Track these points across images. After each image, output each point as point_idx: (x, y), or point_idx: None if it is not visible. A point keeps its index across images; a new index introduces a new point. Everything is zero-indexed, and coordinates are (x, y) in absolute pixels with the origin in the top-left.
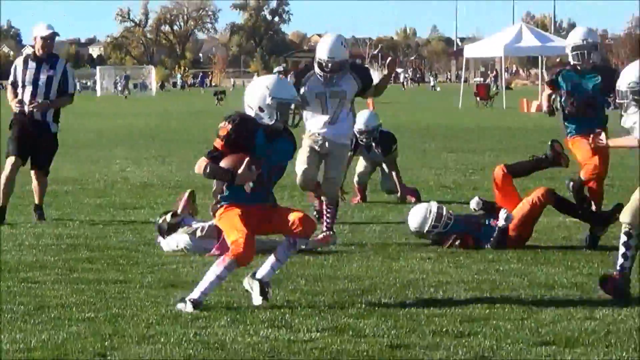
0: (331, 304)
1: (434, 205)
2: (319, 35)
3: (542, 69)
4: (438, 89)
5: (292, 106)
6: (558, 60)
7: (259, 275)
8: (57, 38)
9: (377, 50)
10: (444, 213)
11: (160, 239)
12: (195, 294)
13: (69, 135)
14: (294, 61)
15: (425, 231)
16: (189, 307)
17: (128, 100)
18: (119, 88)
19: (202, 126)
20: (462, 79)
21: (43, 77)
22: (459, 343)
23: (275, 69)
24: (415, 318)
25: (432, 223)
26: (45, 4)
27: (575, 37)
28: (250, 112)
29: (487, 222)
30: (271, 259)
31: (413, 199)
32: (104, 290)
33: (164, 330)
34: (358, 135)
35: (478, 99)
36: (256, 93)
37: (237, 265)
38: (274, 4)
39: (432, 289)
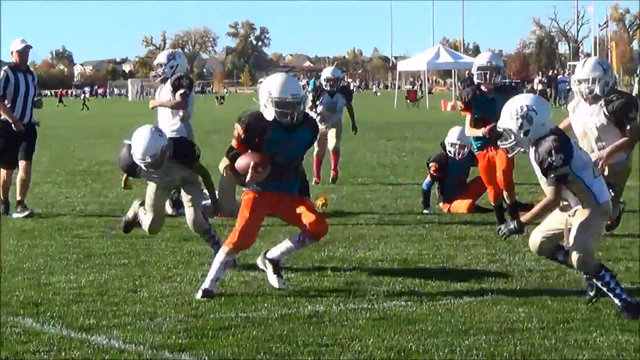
0: (302, 252)
1: None
2: (291, 55)
3: (455, 78)
4: (379, 94)
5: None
6: (467, 73)
7: (270, 255)
8: (97, 58)
9: (334, 66)
10: None
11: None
12: (207, 283)
13: (112, 128)
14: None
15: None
16: (199, 295)
17: None
18: (145, 94)
19: (203, 121)
20: (396, 87)
21: (29, 89)
22: (396, 280)
23: (260, 80)
24: (364, 262)
25: None
26: (91, 31)
27: (482, 59)
28: (262, 109)
29: None
30: (285, 243)
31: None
32: (134, 243)
33: (179, 272)
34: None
35: (408, 101)
36: (261, 92)
37: (236, 252)
38: (257, 32)
39: (376, 240)
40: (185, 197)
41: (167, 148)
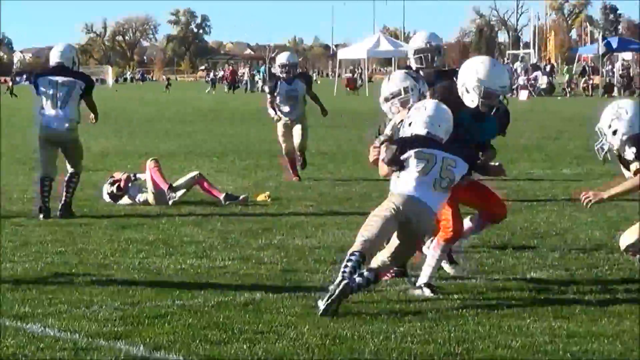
0: (239, 240)
1: None
2: (232, 43)
3: (395, 66)
4: (319, 81)
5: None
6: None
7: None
8: (37, 45)
9: (274, 54)
10: None
11: (107, 198)
12: (424, 279)
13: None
14: (213, 62)
15: None
16: (426, 292)
17: None
18: None
19: (146, 108)
20: (337, 75)
21: None
22: (333, 268)
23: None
24: (301, 250)
25: None
26: (31, 18)
27: (418, 41)
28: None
29: None
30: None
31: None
32: (72, 231)
33: (116, 260)
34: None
35: (348, 89)
36: (468, 74)
37: (451, 244)
38: (198, 20)
39: (314, 228)
40: None
41: None
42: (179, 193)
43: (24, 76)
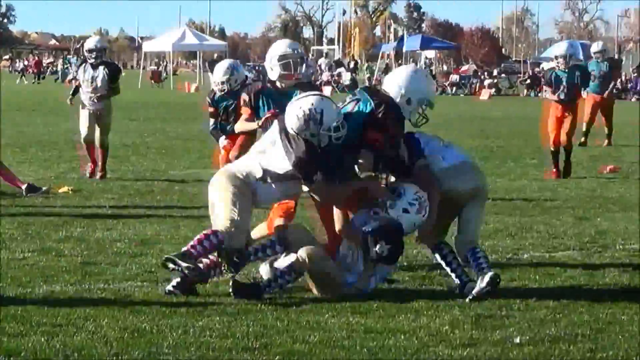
0: (40, 232)
1: None
2: (37, 33)
3: (200, 60)
4: (123, 74)
5: None
6: (216, 55)
7: None
8: None
9: (79, 45)
10: None
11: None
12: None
13: None
14: (17, 52)
15: None
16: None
17: None
18: None
19: None
20: (141, 67)
21: None
22: (133, 260)
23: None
24: (101, 242)
25: None
26: None
27: (281, 47)
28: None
29: None
30: None
31: None
32: None
33: None
34: None
35: (152, 81)
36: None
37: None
38: (3, 9)
39: (115, 221)
40: None
41: None
42: None
43: None
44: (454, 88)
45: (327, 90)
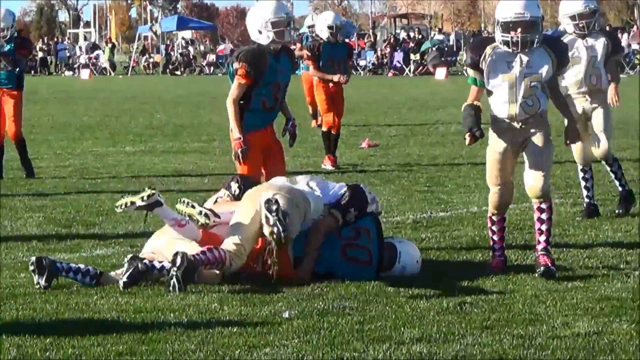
0: None
1: None
2: None
3: None
4: None
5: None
6: None
7: None
8: None
9: None
10: None
11: None
12: None
13: None
14: None
15: None
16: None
17: None
18: None
19: None
20: None
21: None
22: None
23: None
24: None
25: None
26: None
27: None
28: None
29: None
30: None
31: None
32: None
33: None
34: None
35: None
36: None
37: None
38: None
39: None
40: None
41: None
42: None
43: None
44: (212, 68)
45: (85, 74)
